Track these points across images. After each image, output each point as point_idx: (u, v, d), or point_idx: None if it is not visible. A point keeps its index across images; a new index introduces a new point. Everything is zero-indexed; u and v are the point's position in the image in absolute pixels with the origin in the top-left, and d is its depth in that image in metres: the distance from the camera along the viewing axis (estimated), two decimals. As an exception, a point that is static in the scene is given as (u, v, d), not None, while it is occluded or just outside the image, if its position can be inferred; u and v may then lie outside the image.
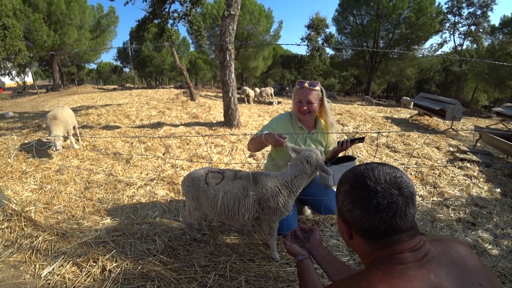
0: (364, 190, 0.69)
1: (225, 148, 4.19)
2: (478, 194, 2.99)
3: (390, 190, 0.67)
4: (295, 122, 1.90)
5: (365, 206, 0.68)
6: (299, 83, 1.85)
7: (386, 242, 0.68)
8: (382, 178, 0.69)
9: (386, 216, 0.66)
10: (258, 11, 22.76)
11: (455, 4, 25.58)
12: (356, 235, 0.73)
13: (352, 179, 0.74)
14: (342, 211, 0.75)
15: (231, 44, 5.26)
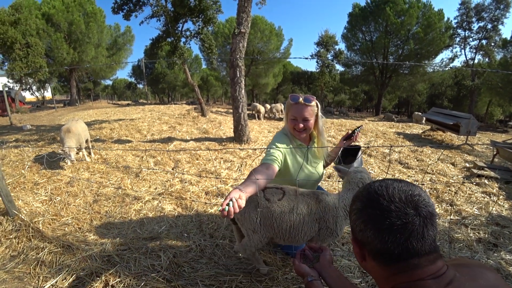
0: (377, 209, 0.64)
1: (234, 163, 4.17)
2: (499, 213, 2.84)
3: (406, 210, 0.61)
4: (292, 140, 1.77)
5: (378, 226, 0.62)
6: (293, 97, 1.68)
7: (402, 267, 0.62)
8: (397, 196, 0.63)
9: (401, 238, 0.60)
10: (268, 30, 23.36)
11: (465, 19, 25.56)
12: (369, 257, 0.68)
13: (365, 196, 0.69)
14: (354, 230, 0.70)
15: (241, 60, 5.36)
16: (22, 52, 15.40)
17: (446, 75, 29.95)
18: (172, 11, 9.34)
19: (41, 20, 18.51)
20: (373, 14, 23.92)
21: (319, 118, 1.74)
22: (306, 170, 1.79)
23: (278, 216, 1.46)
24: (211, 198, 2.86)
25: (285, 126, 1.82)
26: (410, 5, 22.63)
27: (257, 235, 1.50)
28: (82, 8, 21.00)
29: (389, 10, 22.40)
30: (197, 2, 8.71)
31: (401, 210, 0.61)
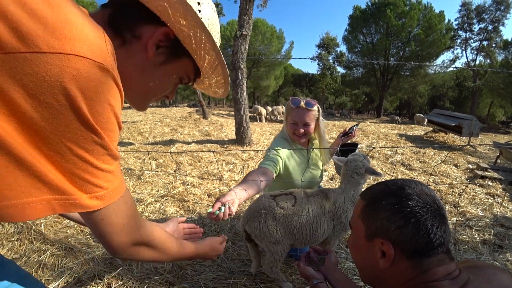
0: (418, 201, 0.64)
1: (237, 166, 4.16)
2: (503, 214, 2.81)
3: (434, 203, 0.65)
4: (292, 144, 1.74)
5: (423, 219, 0.62)
6: (294, 101, 1.63)
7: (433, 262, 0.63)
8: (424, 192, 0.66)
9: (439, 230, 0.62)
10: (270, 32, 23.45)
11: (466, 20, 25.60)
12: (401, 258, 0.64)
13: (396, 191, 0.67)
14: (385, 229, 0.65)
15: (243, 63, 5.37)
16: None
17: (448, 76, 29.93)
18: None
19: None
20: (373, 16, 24.00)
21: (320, 123, 1.70)
22: (308, 173, 1.78)
23: (296, 222, 1.45)
24: (214, 200, 2.85)
25: (283, 129, 1.78)
26: (410, 7, 22.70)
27: (280, 245, 1.46)
28: (84, 12, 21.16)
29: (389, 12, 22.47)
30: (198, 5, 8.76)
31: (433, 203, 0.64)
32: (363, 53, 25.77)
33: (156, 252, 0.61)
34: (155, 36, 0.51)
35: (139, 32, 0.50)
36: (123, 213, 0.51)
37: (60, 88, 0.34)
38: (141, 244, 0.57)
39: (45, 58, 0.33)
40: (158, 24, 0.50)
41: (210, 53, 0.57)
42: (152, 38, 0.51)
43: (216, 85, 0.69)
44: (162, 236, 0.63)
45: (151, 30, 0.51)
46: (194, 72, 0.62)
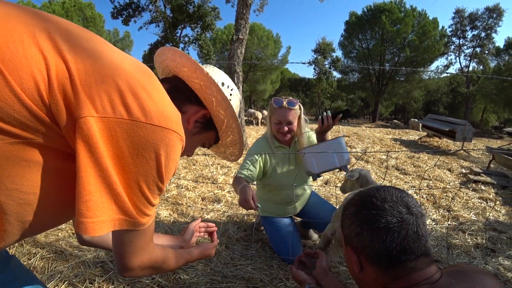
0: (372, 209, 0.64)
1: (231, 169, 4.15)
2: (496, 218, 2.84)
3: (399, 208, 0.63)
4: (271, 143, 1.82)
5: (375, 226, 0.62)
6: (276, 101, 1.71)
7: (400, 271, 0.61)
8: (389, 196, 0.65)
9: (398, 237, 0.60)
10: (266, 36, 23.61)
11: (459, 27, 26.08)
12: (367, 265, 0.66)
13: (358, 200, 0.70)
14: (349, 237, 0.69)
15: (239, 67, 5.39)
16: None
17: (442, 82, 30.37)
18: (171, 17, 9.43)
19: (39, 25, 18.54)
20: (369, 22, 24.32)
21: (302, 120, 1.78)
22: (292, 172, 1.88)
23: None
24: (208, 204, 2.84)
25: (266, 130, 1.87)
26: (405, 13, 23.08)
27: None
28: (81, 13, 21.11)
29: (385, 18, 22.80)
30: (196, 9, 8.80)
31: (395, 208, 0.63)
32: (358, 59, 26.06)
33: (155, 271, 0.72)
34: (198, 115, 0.67)
35: (185, 109, 0.66)
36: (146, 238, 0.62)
37: (155, 148, 0.49)
38: (147, 268, 0.66)
39: (154, 128, 0.48)
40: (200, 106, 0.67)
41: (234, 135, 0.76)
42: (195, 116, 0.67)
43: (231, 154, 0.86)
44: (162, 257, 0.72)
45: (194, 109, 0.67)
46: (215, 140, 0.79)
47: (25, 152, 0.44)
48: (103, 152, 0.45)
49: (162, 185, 0.54)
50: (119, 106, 0.45)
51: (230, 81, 0.76)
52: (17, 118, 0.41)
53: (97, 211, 0.47)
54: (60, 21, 0.49)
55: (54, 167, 0.48)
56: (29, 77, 0.41)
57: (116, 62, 0.48)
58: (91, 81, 0.44)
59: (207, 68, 0.73)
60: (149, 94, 0.49)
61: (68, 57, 0.44)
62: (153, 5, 9.15)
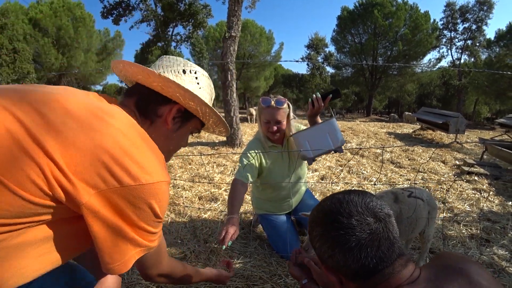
0: (340, 229, 0.61)
1: (228, 167, 4.15)
2: (490, 208, 2.89)
3: (366, 220, 0.60)
4: (265, 143, 1.83)
5: (347, 246, 0.60)
6: (264, 101, 1.70)
7: (379, 278, 0.60)
8: (354, 209, 0.62)
9: (372, 250, 0.58)
10: (259, 33, 23.49)
11: (450, 20, 26.28)
12: (346, 281, 0.64)
13: (322, 219, 0.66)
14: (323, 258, 0.66)
15: (232, 64, 5.36)
16: (9, 58, 15.04)
17: (434, 75, 30.62)
18: (162, 15, 9.32)
19: (28, 25, 18.14)
20: (361, 16, 24.36)
21: (290, 118, 1.79)
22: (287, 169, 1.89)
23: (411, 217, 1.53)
24: (205, 203, 2.83)
25: (258, 129, 1.87)
26: (397, 7, 23.16)
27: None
28: (70, 13, 20.68)
29: (377, 12, 22.85)
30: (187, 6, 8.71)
31: (363, 222, 0.60)
32: (351, 53, 26.12)
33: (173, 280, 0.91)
34: (172, 113, 0.73)
35: (160, 112, 0.73)
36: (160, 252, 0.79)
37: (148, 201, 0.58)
38: (163, 276, 0.85)
39: (143, 187, 0.56)
40: (171, 103, 0.73)
41: (212, 117, 0.82)
42: (170, 114, 0.73)
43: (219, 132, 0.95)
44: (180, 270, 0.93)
45: (168, 108, 0.73)
46: (201, 125, 0.86)
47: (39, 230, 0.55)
48: (108, 215, 0.55)
49: (161, 220, 0.65)
50: (109, 179, 0.53)
51: (191, 65, 0.78)
52: (26, 212, 0.50)
53: (118, 255, 0.59)
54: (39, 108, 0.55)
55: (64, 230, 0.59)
56: (26, 179, 0.49)
57: (95, 139, 0.54)
58: (80, 169, 0.52)
59: (162, 61, 0.77)
60: (131, 157, 0.56)
61: (55, 156, 0.51)
62: (143, 4, 9.04)
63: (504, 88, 20.25)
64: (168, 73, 0.74)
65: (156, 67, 0.75)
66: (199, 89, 0.77)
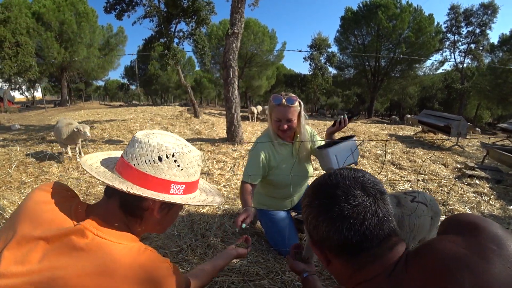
0: (324, 198, 0.60)
1: (227, 164, 4.13)
2: (490, 212, 2.86)
3: (352, 192, 0.57)
4: (275, 141, 1.81)
5: (329, 215, 0.57)
6: (275, 99, 1.69)
7: (365, 259, 0.56)
8: (341, 181, 0.59)
9: (356, 223, 0.55)
10: (262, 32, 23.41)
11: (454, 24, 26.16)
12: (331, 256, 0.61)
13: (310, 190, 0.65)
14: (309, 231, 0.64)
15: (234, 61, 5.34)
16: (12, 51, 15.01)
17: (436, 78, 30.51)
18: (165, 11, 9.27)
19: (31, 19, 18.09)
20: (365, 18, 24.24)
21: (301, 117, 1.76)
22: (295, 168, 1.86)
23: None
24: (203, 198, 2.81)
25: (268, 126, 1.85)
26: (401, 9, 23.03)
27: None
28: (73, 8, 20.68)
29: (381, 14, 22.74)
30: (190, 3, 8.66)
31: (348, 193, 0.57)
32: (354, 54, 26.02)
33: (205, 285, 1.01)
34: (157, 205, 0.73)
35: (145, 206, 0.72)
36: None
37: None
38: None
39: None
40: None
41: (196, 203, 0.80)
42: (155, 207, 0.73)
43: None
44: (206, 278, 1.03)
45: (152, 202, 0.72)
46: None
47: None
48: None
49: None
50: None
51: (167, 148, 0.71)
52: None
53: None
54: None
55: None
56: None
57: None
58: None
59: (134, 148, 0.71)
60: None
61: None
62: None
63: (507, 93, 20.16)
64: (143, 164, 0.70)
65: (129, 156, 0.71)
66: (181, 171, 0.73)
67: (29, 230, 0.62)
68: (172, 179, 0.72)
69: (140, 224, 0.74)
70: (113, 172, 0.73)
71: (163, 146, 0.71)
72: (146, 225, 0.75)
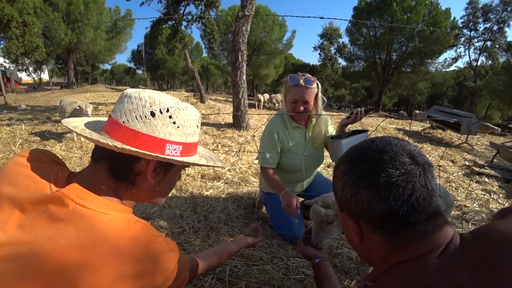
0: (368, 163, 0.52)
1: (232, 148, 4.08)
2: (500, 210, 2.79)
3: (401, 158, 0.50)
4: (288, 123, 1.73)
5: (374, 182, 0.50)
6: (292, 79, 1.61)
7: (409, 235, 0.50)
8: (387, 146, 0.53)
9: (404, 192, 0.48)
10: (271, 20, 22.91)
11: (471, 19, 25.31)
12: (368, 231, 0.54)
13: (350, 155, 0.57)
14: (344, 200, 0.56)
15: (243, 45, 5.21)
16: (19, 31, 14.93)
17: (448, 75, 29.83)
18: (174, -8, 9.07)
19: (38, -2, 17.94)
20: (379, 9, 23.51)
21: (319, 99, 1.67)
22: (308, 152, 1.80)
23: None
24: (207, 181, 2.78)
25: (281, 108, 1.77)
26: (417, 2, 22.27)
27: None
28: (81, -12, 20.39)
29: (396, 6, 22.04)
30: (200, -16, 8.45)
31: (396, 159, 0.50)
32: (365, 46, 25.38)
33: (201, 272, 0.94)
34: (150, 167, 0.63)
35: (138, 170, 0.63)
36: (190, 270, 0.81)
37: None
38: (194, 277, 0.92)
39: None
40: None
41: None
42: (149, 170, 0.63)
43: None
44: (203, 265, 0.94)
45: (145, 164, 0.63)
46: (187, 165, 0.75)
47: None
48: None
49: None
50: None
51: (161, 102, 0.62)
52: None
53: None
54: None
55: None
56: None
57: None
58: None
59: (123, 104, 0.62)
60: None
61: None
62: (156, -20, 8.79)
63: (520, 93, 19.66)
64: (133, 120, 0.60)
65: (117, 113, 0.62)
66: (177, 129, 0.64)
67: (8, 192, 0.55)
68: (167, 138, 0.62)
69: (132, 192, 0.65)
70: (100, 133, 0.63)
71: (156, 100, 0.62)
72: (139, 193, 0.67)
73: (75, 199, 0.54)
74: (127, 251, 0.52)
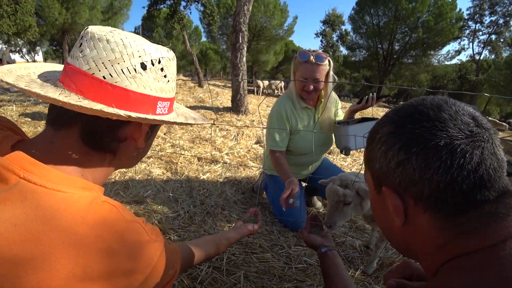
0: (422, 122, 0.38)
1: (230, 132, 3.94)
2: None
3: (463, 118, 0.37)
4: (297, 103, 1.60)
5: (431, 145, 0.36)
6: (302, 55, 1.46)
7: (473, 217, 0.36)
8: (445, 105, 0.39)
9: (472, 159, 0.35)
10: (273, 4, 22.30)
11: (478, 11, 24.82)
12: (417, 211, 0.40)
13: (394, 115, 0.43)
14: (385, 171, 0.42)
15: (245, 25, 4.97)
16: (10, 9, 14.31)
17: (450, 68, 29.52)
18: (173, -31, 8.67)
19: (31, -27, 17.15)
20: (384, -3, 22.94)
21: (330, 78, 1.52)
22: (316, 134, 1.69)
23: None
24: (204, 165, 2.65)
25: (289, 88, 1.64)
26: (423, -10, 21.73)
27: None
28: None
29: (401, -6, 21.50)
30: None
31: (457, 118, 0.37)
32: (368, 35, 24.90)
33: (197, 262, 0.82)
34: (143, 131, 0.53)
35: (124, 135, 0.52)
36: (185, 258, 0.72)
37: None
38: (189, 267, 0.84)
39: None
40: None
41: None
42: (142, 135, 0.54)
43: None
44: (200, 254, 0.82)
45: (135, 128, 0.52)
46: None
47: None
48: None
49: None
50: None
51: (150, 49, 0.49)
52: None
53: None
54: None
55: None
56: None
57: None
58: None
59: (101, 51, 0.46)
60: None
61: None
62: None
63: (520, 89, 19.56)
64: (120, 75, 0.46)
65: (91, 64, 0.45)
66: (167, 84, 0.53)
67: None
68: (159, 95, 0.52)
69: (110, 162, 0.53)
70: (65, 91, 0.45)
71: (145, 48, 0.48)
72: (118, 163, 0.55)
73: (18, 171, 0.40)
74: (90, 242, 0.39)
